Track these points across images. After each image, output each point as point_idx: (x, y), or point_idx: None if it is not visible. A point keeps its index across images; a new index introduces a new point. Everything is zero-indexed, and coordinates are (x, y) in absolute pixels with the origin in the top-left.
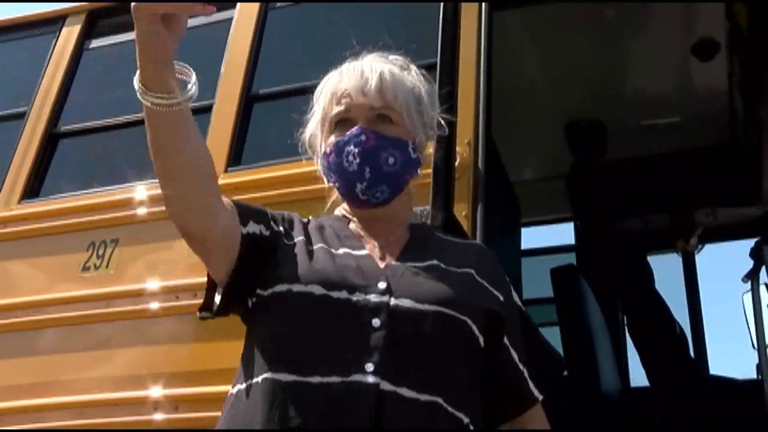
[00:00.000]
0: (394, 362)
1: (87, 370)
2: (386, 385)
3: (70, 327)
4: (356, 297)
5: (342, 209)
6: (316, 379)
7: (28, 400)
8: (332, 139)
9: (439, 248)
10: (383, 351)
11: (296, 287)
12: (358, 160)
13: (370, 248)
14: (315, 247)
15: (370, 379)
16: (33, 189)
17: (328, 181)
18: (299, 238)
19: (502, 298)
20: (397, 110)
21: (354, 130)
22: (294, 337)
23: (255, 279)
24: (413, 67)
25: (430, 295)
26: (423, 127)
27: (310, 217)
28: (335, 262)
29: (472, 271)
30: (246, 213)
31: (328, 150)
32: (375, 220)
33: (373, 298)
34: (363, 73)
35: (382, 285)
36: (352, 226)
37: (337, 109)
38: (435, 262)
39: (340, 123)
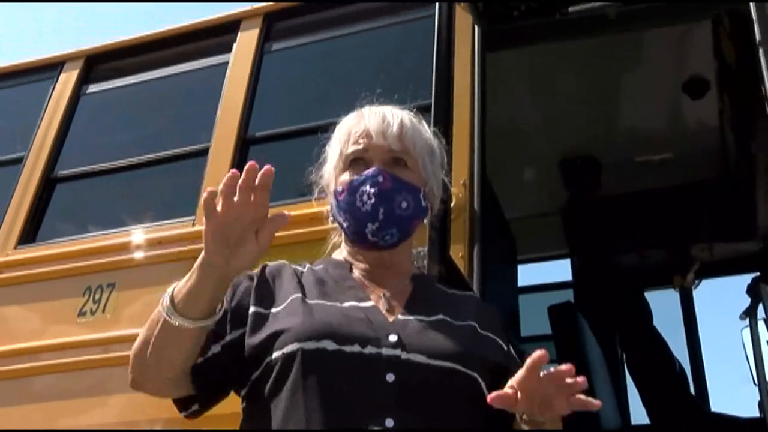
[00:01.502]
0: (412, 418)
1: (83, 417)
2: None
3: (66, 373)
4: (368, 350)
5: (344, 254)
6: None
7: None
8: (345, 177)
9: (443, 302)
10: (400, 406)
11: (307, 345)
12: (372, 201)
13: (375, 299)
14: (316, 302)
15: None
16: (30, 234)
17: (335, 221)
18: (293, 297)
19: (505, 348)
20: (414, 157)
21: (371, 170)
22: (311, 395)
23: (252, 363)
24: (424, 123)
25: (442, 350)
26: (434, 177)
27: (307, 266)
28: (343, 315)
29: (475, 324)
30: (222, 327)
31: (339, 188)
32: (379, 268)
33: (384, 351)
34: (385, 116)
35: (392, 338)
36: (355, 273)
37: (353, 148)
38: (441, 316)
39: (354, 162)
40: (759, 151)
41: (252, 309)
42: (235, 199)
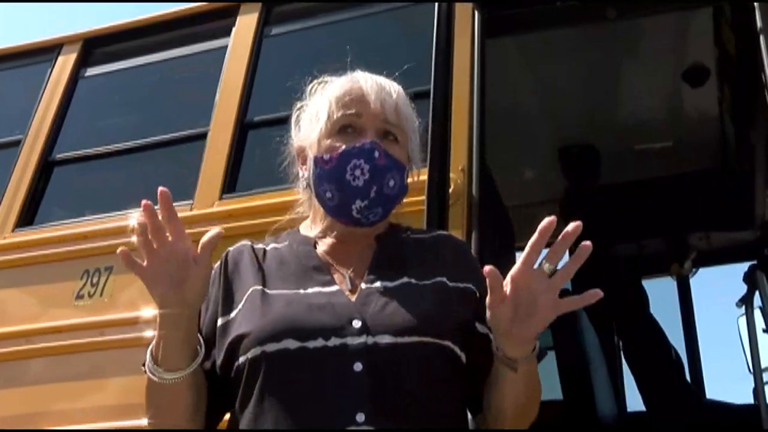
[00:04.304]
0: (384, 406)
1: (81, 400)
2: None
3: (64, 356)
4: (333, 342)
5: (308, 229)
6: None
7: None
8: (332, 143)
9: (409, 257)
10: (370, 397)
11: (269, 347)
12: (366, 177)
13: (339, 279)
14: (275, 292)
15: (364, 429)
16: (27, 217)
17: (313, 190)
18: (253, 289)
19: (476, 291)
20: (406, 132)
21: (367, 143)
22: (279, 400)
23: (226, 363)
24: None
25: (408, 325)
26: (415, 155)
27: (271, 244)
28: (305, 306)
29: (444, 279)
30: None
31: (327, 156)
32: (348, 242)
33: (350, 340)
34: (382, 85)
35: (357, 324)
36: (319, 250)
37: (346, 112)
38: (406, 279)
39: (344, 127)
40: (758, 140)
41: (219, 322)
42: (154, 246)
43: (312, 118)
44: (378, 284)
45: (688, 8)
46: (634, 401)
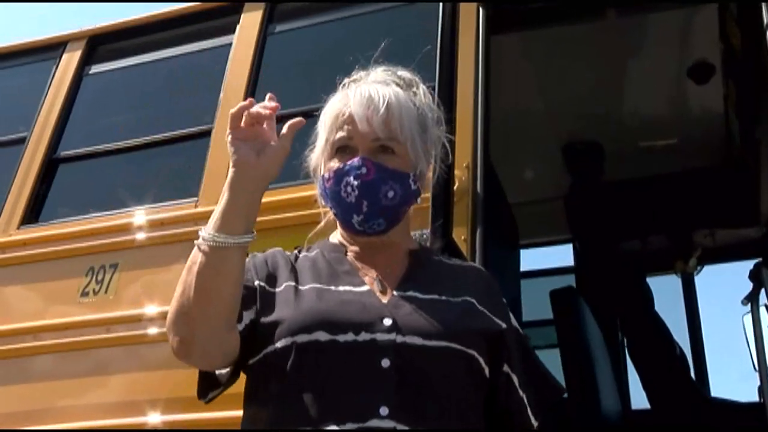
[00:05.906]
0: (408, 403)
1: (86, 396)
2: (402, 428)
3: (69, 352)
4: (362, 337)
5: (339, 236)
6: (331, 428)
7: (26, 427)
8: (332, 164)
9: (440, 277)
10: (395, 392)
11: (300, 338)
12: (356, 193)
13: (370, 281)
14: (307, 287)
15: (386, 423)
16: (32, 214)
17: (325, 206)
18: (286, 284)
19: (504, 326)
20: (401, 142)
21: (355, 161)
22: (305, 390)
23: (255, 348)
24: (422, 86)
25: (437, 330)
26: (425, 154)
27: (303, 251)
28: (336, 301)
29: (473, 300)
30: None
31: (326, 175)
32: (373, 249)
33: (379, 336)
34: (371, 99)
35: (387, 322)
36: (349, 256)
37: (339, 135)
38: (436, 295)
39: (341, 149)
40: (763, 136)
41: (257, 283)
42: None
43: (317, 140)
44: (410, 293)
45: (693, 4)
46: (639, 399)
